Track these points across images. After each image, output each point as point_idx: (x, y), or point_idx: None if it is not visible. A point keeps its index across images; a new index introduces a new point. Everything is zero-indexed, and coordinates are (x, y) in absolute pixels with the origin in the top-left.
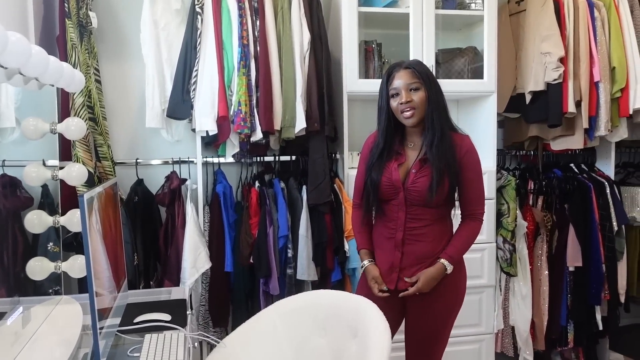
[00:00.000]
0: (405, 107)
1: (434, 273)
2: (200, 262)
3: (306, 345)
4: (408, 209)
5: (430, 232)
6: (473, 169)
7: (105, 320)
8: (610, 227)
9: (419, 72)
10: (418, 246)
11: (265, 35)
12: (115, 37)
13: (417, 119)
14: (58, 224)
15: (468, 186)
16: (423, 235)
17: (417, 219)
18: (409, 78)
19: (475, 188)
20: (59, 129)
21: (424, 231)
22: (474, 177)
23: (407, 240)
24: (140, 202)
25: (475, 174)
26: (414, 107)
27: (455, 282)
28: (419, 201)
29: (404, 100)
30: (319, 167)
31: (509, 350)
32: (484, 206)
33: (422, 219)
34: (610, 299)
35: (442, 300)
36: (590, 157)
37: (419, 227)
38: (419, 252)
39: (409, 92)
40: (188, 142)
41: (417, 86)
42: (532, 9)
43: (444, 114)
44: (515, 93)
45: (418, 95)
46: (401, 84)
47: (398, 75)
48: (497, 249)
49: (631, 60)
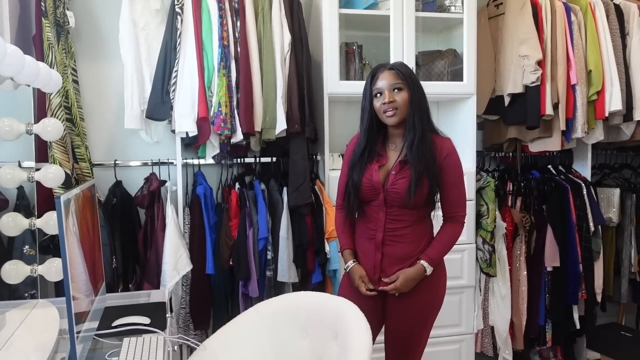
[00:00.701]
0: (387, 107)
1: (413, 273)
2: (181, 264)
3: (287, 347)
4: (388, 210)
5: (410, 233)
6: (454, 172)
7: (82, 324)
8: (587, 227)
9: (403, 74)
10: (398, 247)
11: (245, 36)
12: (93, 37)
13: (398, 118)
14: (34, 226)
15: (449, 189)
16: (403, 236)
17: (397, 220)
18: (393, 78)
19: (456, 191)
20: (35, 130)
21: (404, 232)
22: (455, 180)
23: (387, 241)
24: (118, 204)
25: (456, 177)
26: (397, 107)
27: (435, 284)
28: (399, 202)
29: (387, 100)
30: (299, 168)
31: (489, 350)
32: (466, 209)
33: (402, 220)
34: (587, 298)
35: (421, 301)
36: (568, 159)
37: (399, 228)
38: (399, 253)
39: (392, 93)
40: (168, 143)
41: (401, 87)
42: (511, 13)
43: (426, 116)
44: (494, 95)
45: (401, 95)
46: (385, 84)
47: (382, 75)
48: (477, 250)
49: (607, 64)
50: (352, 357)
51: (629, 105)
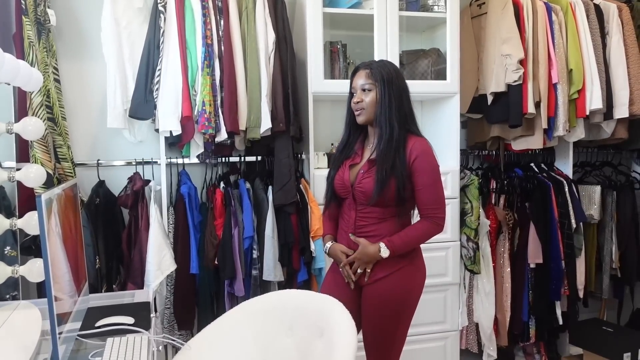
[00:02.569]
0: (355, 107)
1: (369, 248)
2: (165, 264)
3: (272, 345)
4: (358, 208)
5: (380, 229)
6: (425, 173)
7: (64, 324)
8: (569, 224)
9: (374, 74)
10: None
11: (229, 35)
12: (74, 36)
13: (364, 118)
14: (15, 227)
15: (421, 190)
16: (371, 232)
17: (366, 218)
18: (364, 79)
19: (430, 192)
20: (16, 129)
21: (373, 228)
22: (427, 181)
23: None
24: (102, 204)
25: (429, 178)
26: (363, 107)
27: (409, 279)
28: (365, 201)
29: (355, 100)
30: (284, 167)
31: (474, 347)
32: (443, 211)
33: (371, 217)
34: (570, 294)
35: (394, 301)
36: (550, 157)
37: (368, 225)
38: None
39: (362, 93)
40: (151, 142)
41: (370, 87)
42: (493, 12)
43: (399, 115)
44: (477, 94)
45: (369, 96)
46: (357, 84)
47: (357, 75)
48: (461, 247)
49: (587, 63)
50: (337, 354)
51: (609, 104)
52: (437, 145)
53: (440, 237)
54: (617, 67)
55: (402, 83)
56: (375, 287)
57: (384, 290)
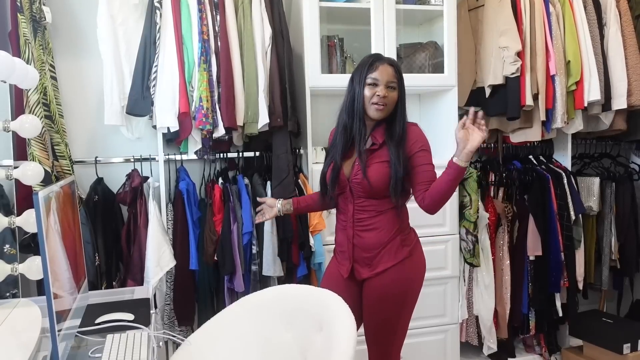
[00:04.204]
0: (379, 100)
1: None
2: (164, 260)
3: (272, 340)
4: (356, 201)
5: (378, 222)
6: (428, 152)
7: (64, 322)
8: (568, 216)
9: (398, 73)
10: (367, 236)
11: (225, 30)
12: (70, 33)
13: (384, 114)
14: (14, 224)
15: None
16: (371, 225)
17: (364, 210)
18: (391, 75)
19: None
20: (13, 127)
21: (372, 221)
22: (428, 159)
23: (356, 232)
24: (100, 202)
25: (429, 155)
26: (386, 103)
27: (410, 276)
28: (363, 193)
29: (382, 94)
30: (282, 162)
31: (474, 340)
32: None
33: (370, 210)
34: (569, 286)
35: (396, 293)
36: (548, 149)
37: (367, 218)
38: (367, 243)
39: (387, 89)
40: (149, 139)
41: (394, 85)
42: (490, 4)
43: (405, 112)
44: (475, 87)
45: (392, 94)
46: (382, 78)
47: (382, 67)
48: (460, 240)
49: (585, 54)
50: (336, 349)
51: (607, 95)
52: (436, 138)
53: (440, 231)
54: (615, 58)
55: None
56: (377, 280)
57: (386, 283)
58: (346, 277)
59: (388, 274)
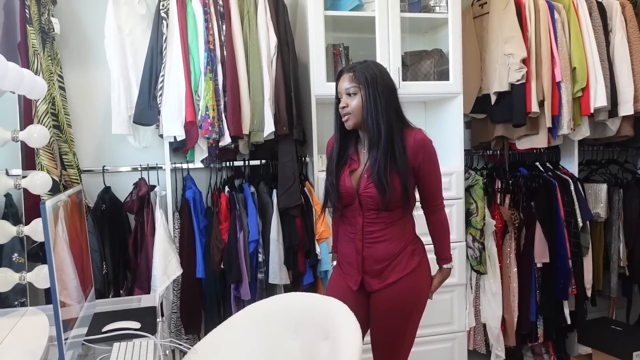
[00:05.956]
0: (342, 112)
1: (444, 277)
2: (171, 268)
3: (278, 348)
4: (365, 214)
5: (389, 234)
6: (432, 162)
7: (70, 330)
8: (576, 223)
9: (357, 76)
10: (377, 248)
11: (231, 40)
12: (78, 43)
13: (352, 123)
14: (22, 233)
15: (429, 180)
16: (382, 237)
17: (374, 223)
18: (348, 82)
19: (437, 181)
20: (21, 137)
21: (382, 233)
22: (434, 170)
23: (366, 244)
24: (108, 210)
25: (435, 166)
26: (349, 112)
27: (418, 286)
28: (374, 206)
29: (341, 105)
30: (288, 170)
31: (481, 348)
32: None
33: (379, 222)
34: (578, 293)
35: (404, 304)
36: (555, 156)
37: (377, 231)
38: (378, 255)
39: (347, 97)
40: (156, 148)
41: (354, 91)
42: (495, 12)
43: (386, 115)
44: (481, 94)
45: (354, 100)
46: (341, 89)
47: (342, 78)
48: (467, 248)
49: (591, 61)
50: (342, 356)
51: (613, 101)
52: (441, 145)
53: None
54: (621, 64)
55: (388, 82)
56: (386, 292)
57: (395, 294)
58: (355, 290)
59: (398, 285)
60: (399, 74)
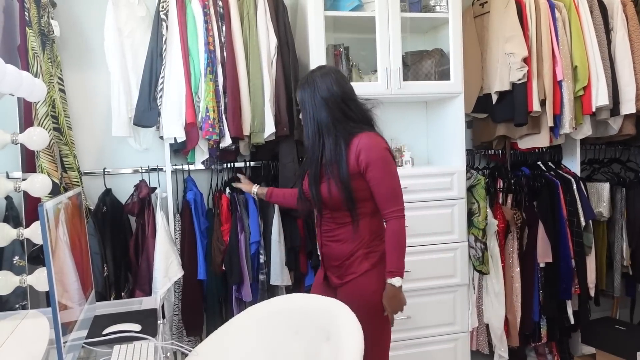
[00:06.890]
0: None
1: (388, 293)
2: (172, 271)
3: (279, 349)
4: (323, 213)
5: (342, 234)
6: (376, 167)
7: (70, 333)
8: (578, 222)
9: (297, 97)
10: (332, 247)
11: (231, 41)
12: (78, 46)
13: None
14: (22, 236)
15: (376, 185)
16: (335, 237)
17: (329, 222)
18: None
19: (385, 186)
20: (21, 140)
21: (336, 233)
22: (379, 175)
23: (324, 242)
24: (109, 212)
25: (380, 171)
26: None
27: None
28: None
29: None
30: (289, 171)
31: (484, 348)
32: (401, 202)
33: (332, 222)
34: (581, 293)
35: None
36: (557, 155)
37: (331, 230)
38: (333, 253)
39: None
40: (157, 150)
41: (300, 108)
42: (496, 11)
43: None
44: (482, 93)
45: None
46: None
47: None
48: (469, 248)
49: (592, 59)
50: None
51: (615, 100)
52: (443, 145)
53: (448, 238)
54: (622, 63)
55: (326, 92)
56: (343, 289)
57: (350, 292)
58: (322, 282)
59: (351, 285)
60: (399, 74)
